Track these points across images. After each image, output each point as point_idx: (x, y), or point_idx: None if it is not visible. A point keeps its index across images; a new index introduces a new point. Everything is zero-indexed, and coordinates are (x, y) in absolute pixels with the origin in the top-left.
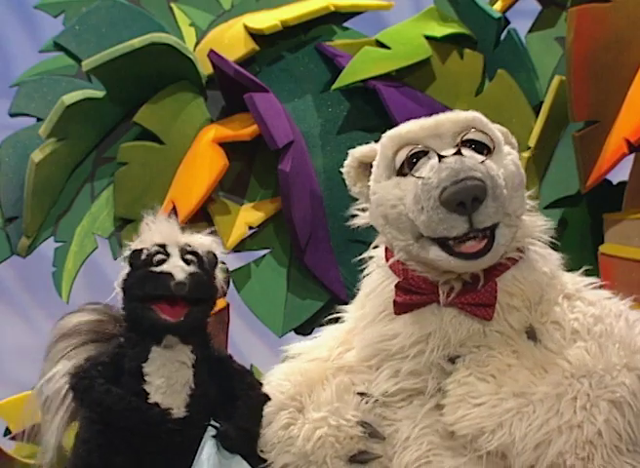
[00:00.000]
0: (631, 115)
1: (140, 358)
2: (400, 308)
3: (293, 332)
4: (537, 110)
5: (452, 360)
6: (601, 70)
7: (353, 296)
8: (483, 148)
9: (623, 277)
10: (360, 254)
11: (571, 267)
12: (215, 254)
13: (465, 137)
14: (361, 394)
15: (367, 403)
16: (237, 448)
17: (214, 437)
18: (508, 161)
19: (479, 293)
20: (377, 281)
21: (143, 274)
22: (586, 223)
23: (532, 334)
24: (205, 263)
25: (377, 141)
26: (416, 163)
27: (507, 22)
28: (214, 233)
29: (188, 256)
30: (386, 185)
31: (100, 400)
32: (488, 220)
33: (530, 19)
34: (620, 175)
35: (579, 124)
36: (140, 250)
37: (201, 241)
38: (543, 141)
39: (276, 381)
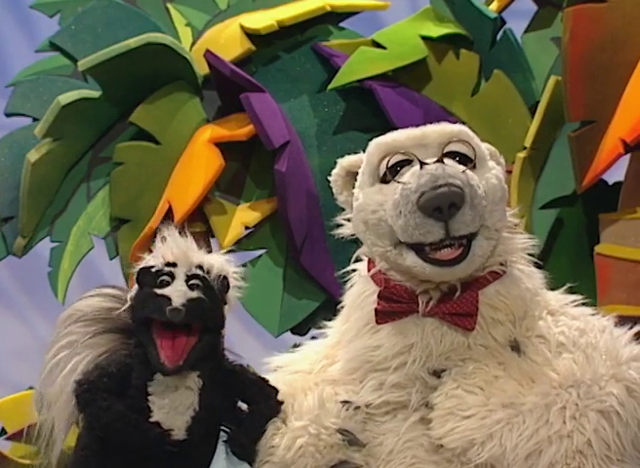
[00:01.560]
0: (627, 115)
1: (146, 377)
2: (382, 317)
3: (289, 333)
4: (533, 110)
5: (437, 374)
6: (597, 70)
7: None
8: (467, 161)
9: (619, 277)
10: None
11: (567, 267)
12: (226, 278)
13: (450, 148)
14: (344, 402)
15: (348, 410)
16: (246, 456)
17: (224, 442)
18: (491, 175)
19: (460, 303)
20: (358, 292)
21: (147, 294)
22: (582, 223)
23: (516, 347)
24: (213, 288)
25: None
26: (399, 171)
27: (503, 23)
28: (210, 233)
29: (194, 281)
30: (369, 192)
31: (100, 415)
32: (464, 228)
33: (526, 20)
34: (616, 175)
35: (574, 124)
36: (148, 268)
37: (214, 262)
38: (539, 141)
39: None
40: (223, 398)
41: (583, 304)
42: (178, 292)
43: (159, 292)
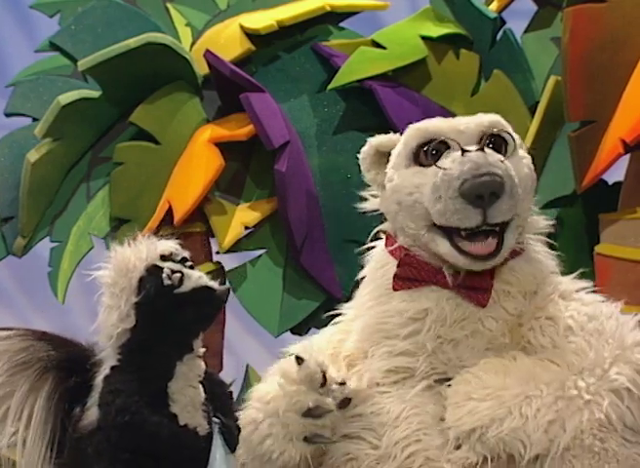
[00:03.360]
0: (627, 115)
1: (165, 376)
2: (399, 282)
3: (289, 333)
4: (532, 110)
5: (447, 381)
6: (597, 70)
7: (349, 296)
8: (502, 150)
9: (619, 277)
10: (356, 254)
11: (566, 267)
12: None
13: (487, 137)
14: (340, 383)
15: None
16: (235, 444)
17: (219, 431)
18: (523, 164)
19: (475, 278)
20: (376, 266)
21: (177, 299)
22: (582, 223)
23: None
24: (189, 261)
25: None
26: (437, 155)
27: (503, 23)
28: (210, 233)
29: (187, 263)
30: (405, 173)
31: (160, 431)
32: (500, 216)
33: (526, 20)
34: (616, 175)
35: (574, 124)
36: (147, 280)
37: (165, 245)
38: (539, 141)
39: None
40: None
41: (593, 291)
42: (201, 278)
43: (188, 288)
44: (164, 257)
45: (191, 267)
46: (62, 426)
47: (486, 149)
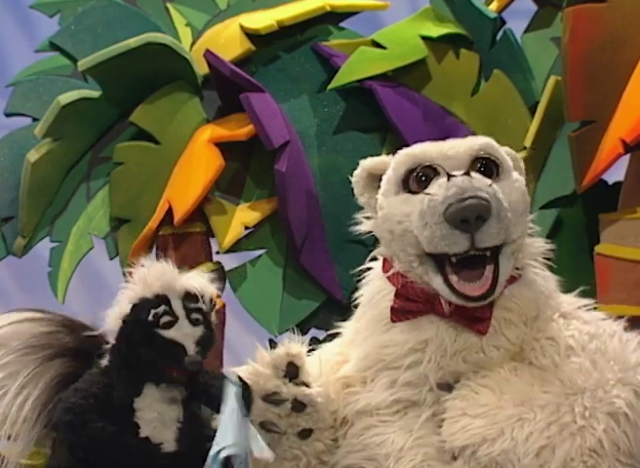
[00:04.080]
0: (627, 115)
1: (132, 393)
2: (397, 314)
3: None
4: (532, 110)
5: (449, 387)
6: (597, 70)
7: (349, 296)
8: (492, 173)
9: (619, 277)
10: (356, 254)
11: (566, 267)
12: (213, 299)
13: (476, 160)
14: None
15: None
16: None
17: (241, 388)
18: (515, 187)
19: (473, 308)
20: (374, 291)
21: (151, 336)
22: (582, 223)
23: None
24: (209, 315)
25: (373, 141)
26: (426, 181)
27: (503, 23)
28: (210, 233)
29: (195, 315)
30: (394, 201)
31: (95, 438)
32: (489, 240)
33: (526, 20)
34: (616, 175)
35: (574, 124)
36: (144, 304)
37: (201, 286)
38: (539, 141)
39: None
40: (206, 405)
41: (595, 308)
42: (187, 337)
43: (167, 336)
44: (188, 295)
45: (205, 315)
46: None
47: (473, 173)
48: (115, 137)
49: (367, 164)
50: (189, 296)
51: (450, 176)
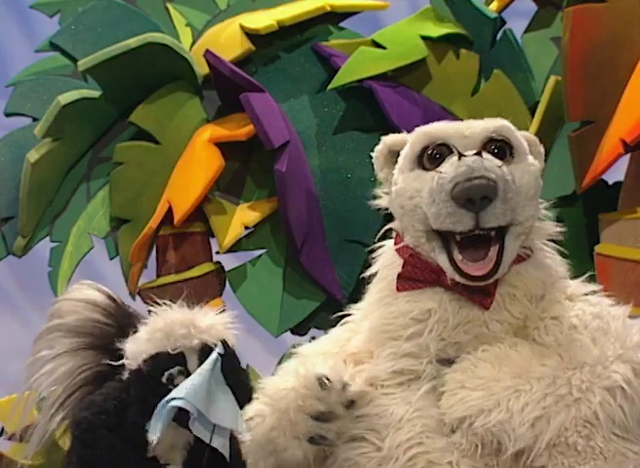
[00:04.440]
0: (627, 115)
1: (145, 414)
2: (403, 283)
3: (289, 332)
4: (532, 110)
5: (450, 362)
6: (597, 70)
7: (349, 296)
8: (505, 155)
9: (619, 277)
10: (356, 254)
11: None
12: (230, 344)
13: (489, 143)
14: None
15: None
16: (229, 375)
17: (219, 355)
18: (528, 171)
19: None
20: (384, 264)
21: (164, 392)
22: (582, 223)
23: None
24: (227, 359)
25: (373, 141)
26: (440, 159)
27: (503, 23)
28: (210, 233)
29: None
30: (408, 177)
31: (102, 455)
32: (494, 221)
33: (526, 20)
34: (616, 175)
35: (574, 124)
36: (160, 362)
37: (218, 336)
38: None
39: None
40: None
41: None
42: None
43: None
44: (205, 348)
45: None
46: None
47: (484, 154)
48: (115, 137)
49: (388, 139)
50: (206, 349)
51: (461, 156)
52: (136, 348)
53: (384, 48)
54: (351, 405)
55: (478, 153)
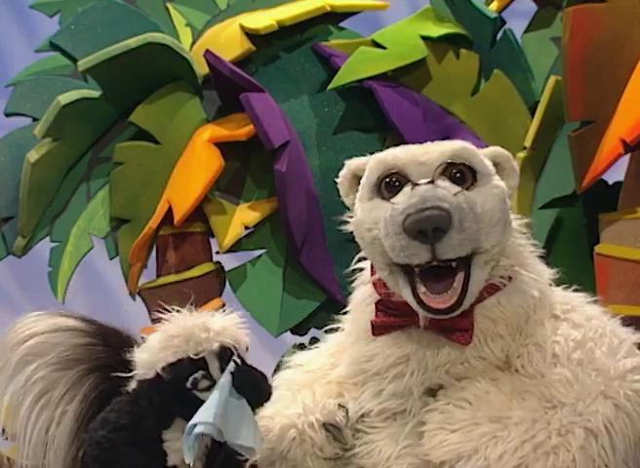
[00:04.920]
0: (627, 115)
1: (162, 424)
2: (378, 330)
3: (289, 332)
4: (532, 110)
5: (433, 393)
6: (597, 70)
7: (349, 296)
8: (466, 179)
9: (619, 277)
10: (356, 254)
11: (566, 267)
12: (242, 348)
13: (448, 167)
14: (340, 406)
15: (340, 410)
16: (249, 390)
17: (231, 375)
18: (492, 194)
19: (455, 318)
20: (361, 298)
21: (188, 398)
22: (582, 223)
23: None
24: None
25: (373, 141)
26: (398, 187)
27: (503, 23)
28: (210, 233)
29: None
30: (366, 207)
31: (130, 465)
32: (451, 252)
33: (526, 20)
34: (616, 175)
35: (574, 124)
36: (182, 368)
37: (233, 337)
38: (539, 141)
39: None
40: None
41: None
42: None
43: (204, 398)
44: (223, 350)
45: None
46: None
47: (439, 182)
48: (115, 137)
49: (352, 164)
50: (225, 351)
51: (415, 185)
52: (149, 357)
53: (384, 48)
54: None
55: (431, 181)
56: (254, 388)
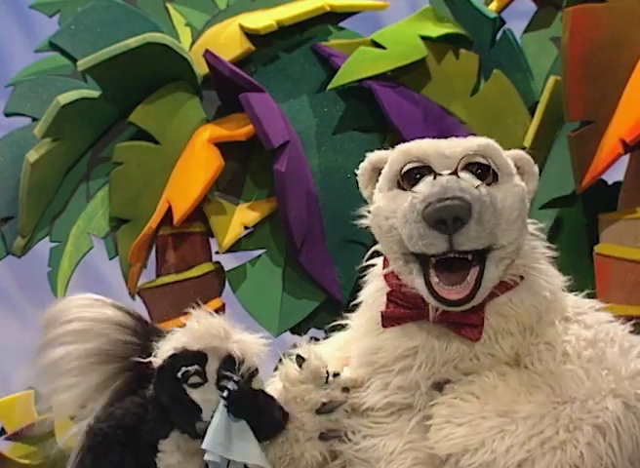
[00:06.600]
0: (627, 115)
1: (159, 434)
2: (388, 321)
3: (289, 332)
4: (532, 110)
5: (440, 387)
6: (596, 70)
7: (349, 296)
8: (487, 175)
9: (619, 277)
10: (355, 254)
11: (566, 267)
12: (256, 370)
13: (470, 161)
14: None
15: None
16: (240, 413)
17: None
18: (512, 192)
19: (466, 313)
20: (373, 291)
21: (177, 391)
22: (582, 223)
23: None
24: (240, 382)
25: (373, 141)
26: (419, 179)
27: (503, 23)
28: (209, 233)
29: (224, 382)
30: (386, 197)
31: (119, 463)
32: (468, 243)
33: (525, 20)
34: (616, 175)
35: (574, 124)
36: (180, 357)
37: (244, 353)
38: (539, 141)
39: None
40: None
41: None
42: (208, 403)
43: (191, 395)
44: (228, 359)
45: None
46: None
47: (462, 174)
48: (115, 137)
49: (373, 157)
50: (229, 361)
51: (437, 175)
52: (166, 345)
53: (384, 48)
54: (347, 390)
55: (454, 173)
56: (252, 411)
